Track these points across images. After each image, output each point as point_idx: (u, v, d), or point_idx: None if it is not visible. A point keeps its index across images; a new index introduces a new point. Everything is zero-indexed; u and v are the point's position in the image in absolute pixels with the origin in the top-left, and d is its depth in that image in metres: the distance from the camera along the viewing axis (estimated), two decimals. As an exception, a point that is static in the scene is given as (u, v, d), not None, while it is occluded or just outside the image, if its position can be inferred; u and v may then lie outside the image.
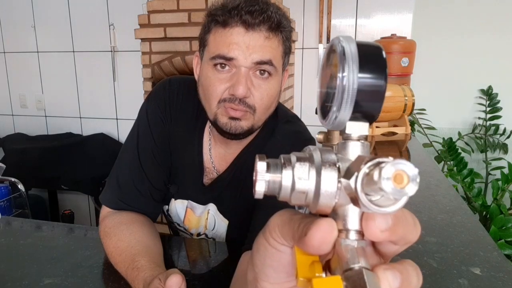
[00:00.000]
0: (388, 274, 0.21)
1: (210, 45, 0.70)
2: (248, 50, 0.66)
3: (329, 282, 0.20)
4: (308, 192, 0.22)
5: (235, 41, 0.66)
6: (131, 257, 0.64)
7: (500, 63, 2.21)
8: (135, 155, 0.80)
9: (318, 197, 0.21)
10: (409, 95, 1.85)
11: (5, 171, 2.04)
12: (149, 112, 0.83)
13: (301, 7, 2.21)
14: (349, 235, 0.22)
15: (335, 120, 0.22)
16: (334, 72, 0.22)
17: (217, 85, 0.68)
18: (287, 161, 0.22)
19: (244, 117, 0.70)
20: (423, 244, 0.75)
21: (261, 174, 0.22)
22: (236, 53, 0.66)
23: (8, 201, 2.09)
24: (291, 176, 0.22)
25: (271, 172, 0.22)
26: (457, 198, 1.02)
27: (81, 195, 2.66)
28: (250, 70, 0.67)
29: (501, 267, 0.66)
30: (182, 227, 0.89)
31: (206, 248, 0.77)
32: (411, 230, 0.22)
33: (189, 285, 0.62)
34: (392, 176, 0.18)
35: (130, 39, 2.04)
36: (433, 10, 2.23)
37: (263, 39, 0.66)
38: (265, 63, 0.67)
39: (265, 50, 0.66)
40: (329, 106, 0.23)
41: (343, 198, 0.21)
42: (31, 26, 2.63)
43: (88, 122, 2.69)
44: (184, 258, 0.72)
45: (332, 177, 0.21)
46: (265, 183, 0.22)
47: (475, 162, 2.32)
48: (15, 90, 2.79)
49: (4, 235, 0.83)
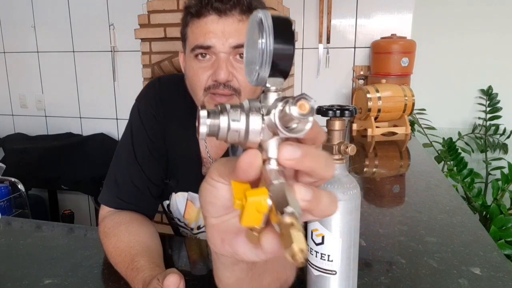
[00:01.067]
0: (302, 188, 0.26)
1: (189, 38, 0.73)
2: (224, 36, 0.68)
3: (258, 191, 0.26)
4: (240, 131, 0.28)
5: (210, 29, 0.68)
6: (130, 258, 0.65)
7: (500, 63, 2.21)
8: (130, 152, 0.81)
9: (247, 134, 0.28)
10: (409, 95, 1.85)
11: (5, 171, 2.04)
12: (141, 110, 0.84)
13: (301, 7, 2.21)
14: (270, 162, 0.28)
15: (258, 77, 0.28)
16: (255, 39, 0.27)
17: (200, 73, 0.71)
18: (223, 109, 0.28)
19: (230, 102, 0.71)
20: (423, 244, 0.75)
21: (203, 119, 0.28)
22: (213, 41, 0.68)
23: (8, 201, 2.09)
24: (227, 120, 0.28)
25: (211, 118, 0.28)
26: (457, 198, 1.02)
27: (81, 195, 2.66)
28: (230, 55, 0.70)
29: (501, 267, 0.66)
30: (182, 223, 0.90)
31: (206, 249, 0.77)
32: (321, 166, 0.27)
33: (189, 285, 0.62)
34: (298, 105, 0.25)
35: (130, 39, 2.04)
36: (433, 10, 2.23)
37: (236, 22, 0.68)
38: (243, 45, 0.69)
39: (241, 33, 0.69)
40: (252, 67, 0.28)
41: (266, 134, 0.28)
42: (31, 26, 2.63)
43: (88, 122, 2.69)
44: (184, 258, 0.72)
45: (257, 118, 0.28)
46: (206, 126, 0.28)
47: (475, 162, 2.32)
48: (15, 90, 2.79)
49: (4, 235, 0.83)
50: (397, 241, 0.76)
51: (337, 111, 0.48)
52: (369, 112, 1.82)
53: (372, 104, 1.81)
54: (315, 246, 0.50)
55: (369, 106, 1.81)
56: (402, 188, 1.16)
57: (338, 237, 0.49)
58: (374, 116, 1.85)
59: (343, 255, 0.50)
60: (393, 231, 0.82)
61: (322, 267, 0.50)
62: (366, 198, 1.05)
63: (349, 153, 0.49)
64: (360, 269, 0.54)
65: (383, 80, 1.95)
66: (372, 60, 2.10)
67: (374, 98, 1.81)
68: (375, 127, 1.86)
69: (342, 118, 0.49)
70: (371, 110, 1.82)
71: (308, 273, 0.53)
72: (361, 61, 2.21)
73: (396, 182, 1.22)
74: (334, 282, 0.50)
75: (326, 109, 0.49)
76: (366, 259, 0.69)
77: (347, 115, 0.49)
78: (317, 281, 0.51)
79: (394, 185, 1.18)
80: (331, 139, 0.50)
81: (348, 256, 0.50)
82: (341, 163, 0.50)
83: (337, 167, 0.50)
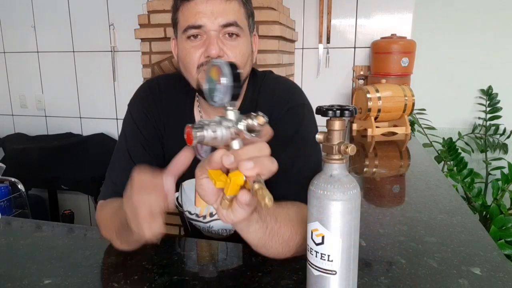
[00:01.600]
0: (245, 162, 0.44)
1: (180, 21, 0.77)
2: (213, 15, 0.73)
3: (236, 173, 0.44)
4: (217, 138, 0.46)
5: (200, 10, 0.73)
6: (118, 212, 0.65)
7: (500, 63, 2.21)
8: (125, 154, 0.83)
9: (222, 140, 0.47)
10: (409, 95, 1.85)
11: (5, 171, 2.04)
12: (133, 112, 0.87)
13: (301, 7, 2.21)
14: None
15: (221, 103, 0.49)
16: (216, 78, 0.49)
17: (192, 52, 0.75)
18: (204, 124, 0.46)
19: None
20: (423, 244, 0.75)
21: (194, 132, 0.45)
22: (203, 20, 0.73)
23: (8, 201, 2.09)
24: (209, 131, 0.46)
25: (198, 131, 0.45)
26: (457, 198, 1.02)
27: (81, 195, 2.66)
28: (220, 33, 0.75)
29: (501, 267, 0.66)
30: (194, 214, 0.90)
31: (205, 249, 0.77)
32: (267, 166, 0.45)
33: (189, 285, 0.62)
34: (258, 119, 0.45)
35: (130, 39, 2.04)
36: (433, 10, 2.23)
37: (224, 3, 0.74)
38: (231, 24, 0.74)
39: (228, 13, 0.74)
40: (215, 95, 0.49)
41: (231, 139, 0.47)
42: (31, 26, 2.63)
43: (88, 122, 2.69)
44: (184, 258, 0.72)
45: (228, 129, 0.47)
46: (197, 137, 0.45)
47: (475, 162, 2.32)
48: (15, 90, 2.79)
49: (4, 235, 0.83)
50: (397, 241, 0.76)
51: (337, 111, 0.48)
52: (369, 112, 1.82)
53: (372, 104, 1.81)
54: (315, 246, 0.50)
55: (369, 106, 1.81)
56: (402, 188, 1.16)
57: (338, 237, 0.49)
58: (374, 116, 1.85)
59: (343, 255, 0.50)
60: (393, 231, 0.82)
61: (322, 267, 0.50)
62: (366, 198, 1.05)
63: (349, 153, 0.49)
64: (360, 269, 0.54)
65: (383, 80, 1.95)
66: (372, 60, 2.10)
67: (374, 98, 1.81)
68: (375, 127, 1.86)
69: (342, 118, 0.49)
70: (371, 110, 1.82)
71: (308, 273, 0.53)
72: (361, 61, 2.21)
73: (396, 182, 1.22)
74: (334, 282, 0.50)
75: (326, 109, 0.49)
76: (366, 259, 0.69)
77: (347, 115, 0.49)
78: (317, 281, 0.51)
79: (394, 185, 1.18)
80: (331, 139, 0.50)
81: (348, 256, 0.50)
82: (341, 163, 0.50)
83: (337, 167, 0.50)
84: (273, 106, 0.81)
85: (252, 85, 0.86)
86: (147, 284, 0.63)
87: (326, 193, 0.48)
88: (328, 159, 0.50)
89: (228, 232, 0.90)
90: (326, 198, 0.48)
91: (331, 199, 0.48)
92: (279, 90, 0.85)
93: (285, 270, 0.65)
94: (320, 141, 0.52)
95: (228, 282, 0.63)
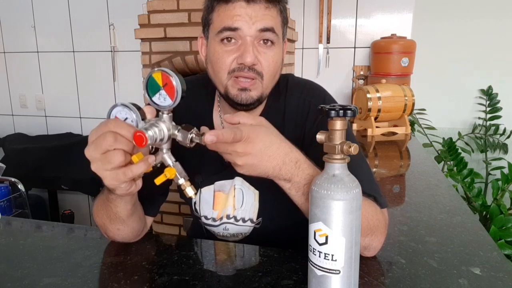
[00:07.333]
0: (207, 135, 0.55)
1: (214, 22, 0.75)
2: (251, 20, 0.71)
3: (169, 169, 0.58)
4: (161, 138, 0.56)
5: (238, 13, 0.71)
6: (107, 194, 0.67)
7: (500, 63, 2.21)
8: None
9: (163, 140, 0.57)
10: (409, 95, 1.85)
11: (5, 171, 2.04)
12: None
13: (301, 7, 2.21)
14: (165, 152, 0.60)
15: (164, 105, 0.56)
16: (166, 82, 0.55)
17: (225, 57, 0.73)
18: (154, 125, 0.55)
19: (253, 86, 0.74)
20: (423, 244, 0.75)
21: (147, 134, 0.53)
22: (240, 23, 0.71)
23: (8, 201, 2.09)
24: (157, 132, 0.55)
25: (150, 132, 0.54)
26: (457, 198, 1.02)
27: (81, 195, 2.66)
28: (255, 39, 0.72)
29: (501, 267, 0.66)
30: (210, 218, 0.89)
31: (206, 249, 0.77)
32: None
33: (189, 285, 0.62)
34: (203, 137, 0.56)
35: (130, 39, 2.04)
36: (433, 10, 2.23)
37: (263, 9, 0.72)
38: (268, 30, 0.72)
39: (267, 19, 0.72)
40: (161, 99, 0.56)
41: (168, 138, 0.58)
42: (31, 26, 2.63)
43: (88, 122, 2.69)
44: (184, 258, 0.72)
45: (166, 131, 0.57)
46: (149, 138, 0.53)
47: (475, 162, 2.32)
48: (15, 90, 2.79)
49: (4, 235, 0.83)
50: (397, 241, 0.76)
51: (340, 111, 0.48)
52: (369, 112, 1.82)
53: (372, 104, 1.81)
54: (319, 246, 0.50)
55: (369, 106, 1.81)
56: (402, 188, 1.16)
57: (341, 236, 0.49)
58: (374, 116, 1.85)
59: (346, 254, 0.50)
60: (393, 231, 0.81)
61: (326, 267, 0.50)
62: (366, 198, 1.04)
63: (353, 152, 0.49)
64: (360, 269, 0.55)
65: (383, 80, 1.95)
66: (372, 60, 2.10)
67: (374, 98, 1.81)
68: (375, 127, 1.86)
69: (344, 118, 0.49)
70: (371, 110, 1.82)
71: (310, 273, 0.53)
72: (361, 61, 2.21)
73: (396, 182, 1.22)
74: (337, 281, 0.50)
75: (328, 109, 0.49)
76: (367, 259, 0.69)
77: (350, 115, 0.49)
78: (320, 281, 0.51)
79: (394, 185, 1.18)
80: (333, 139, 0.50)
81: (350, 255, 0.50)
82: (343, 162, 0.50)
83: (339, 167, 0.50)
84: (305, 111, 0.81)
85: (274, 90, 0.83)
86: (147, 284, 0.63)
87: (329, 193, 0.48)
88: (330, 159, 0.50)
89: (244, 235, 0.89)
90: (329, 197, 0.48)
91: (334, 199, 0.48)
92: (309, 96, 0.84)
93: (285, 270, 0.65)
94: (322, 141, 0.51)
95: (228, 282, 0.63)
